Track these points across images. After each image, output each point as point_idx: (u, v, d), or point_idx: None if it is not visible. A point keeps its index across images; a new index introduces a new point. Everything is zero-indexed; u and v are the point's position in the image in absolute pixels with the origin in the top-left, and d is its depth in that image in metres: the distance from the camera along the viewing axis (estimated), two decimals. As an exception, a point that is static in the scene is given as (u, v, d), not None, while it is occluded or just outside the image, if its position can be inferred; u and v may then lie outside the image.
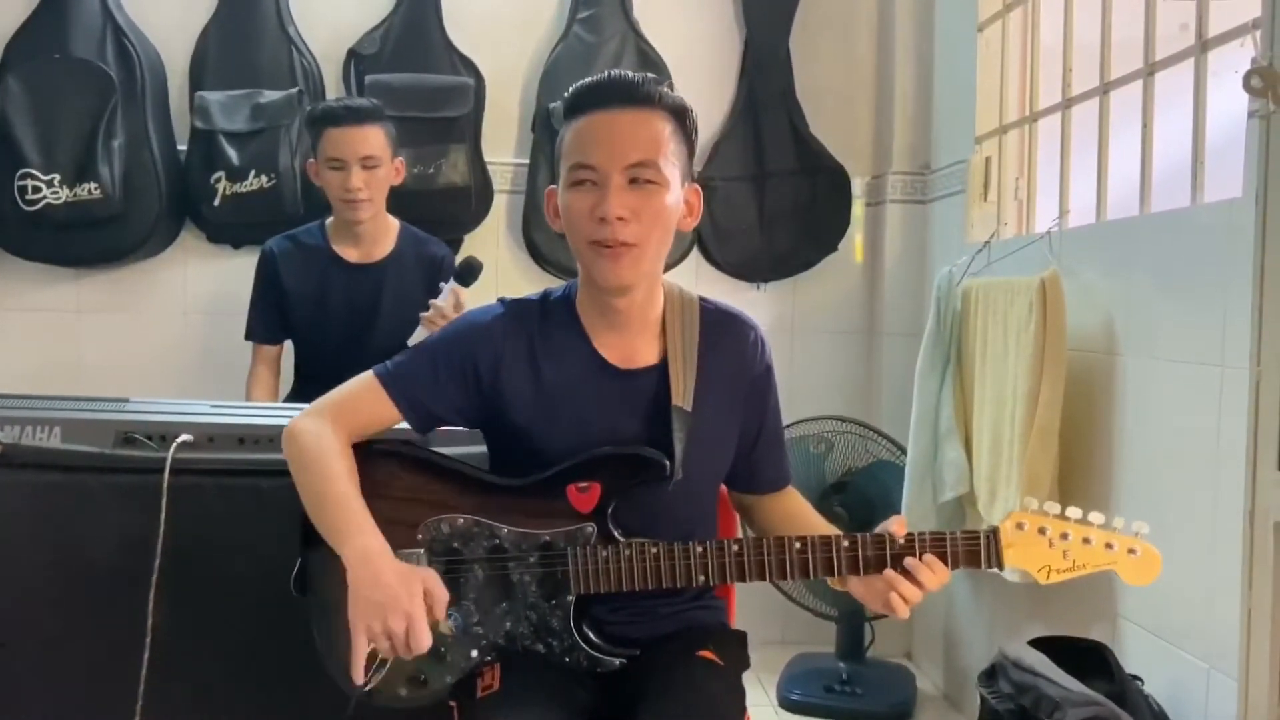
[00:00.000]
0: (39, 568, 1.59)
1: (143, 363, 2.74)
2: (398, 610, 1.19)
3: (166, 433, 1.62)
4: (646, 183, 1.27)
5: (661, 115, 1.30)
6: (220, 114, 2.60)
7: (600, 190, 1.27)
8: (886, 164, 2.87)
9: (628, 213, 1.26)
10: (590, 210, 1.27)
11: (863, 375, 2.95)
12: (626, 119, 1.28)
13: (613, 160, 1.27)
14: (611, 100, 1.29)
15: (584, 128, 1.30)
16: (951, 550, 1.25)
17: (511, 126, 2.81)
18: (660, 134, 1.29)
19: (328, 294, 2.27)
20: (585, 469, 1.32)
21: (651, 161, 1.27)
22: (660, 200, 1.28)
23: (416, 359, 1.38)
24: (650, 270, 1.33)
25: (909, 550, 1.25)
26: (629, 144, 1.27)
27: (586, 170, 1.28)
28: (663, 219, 1.29)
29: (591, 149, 1.28)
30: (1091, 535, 1.22)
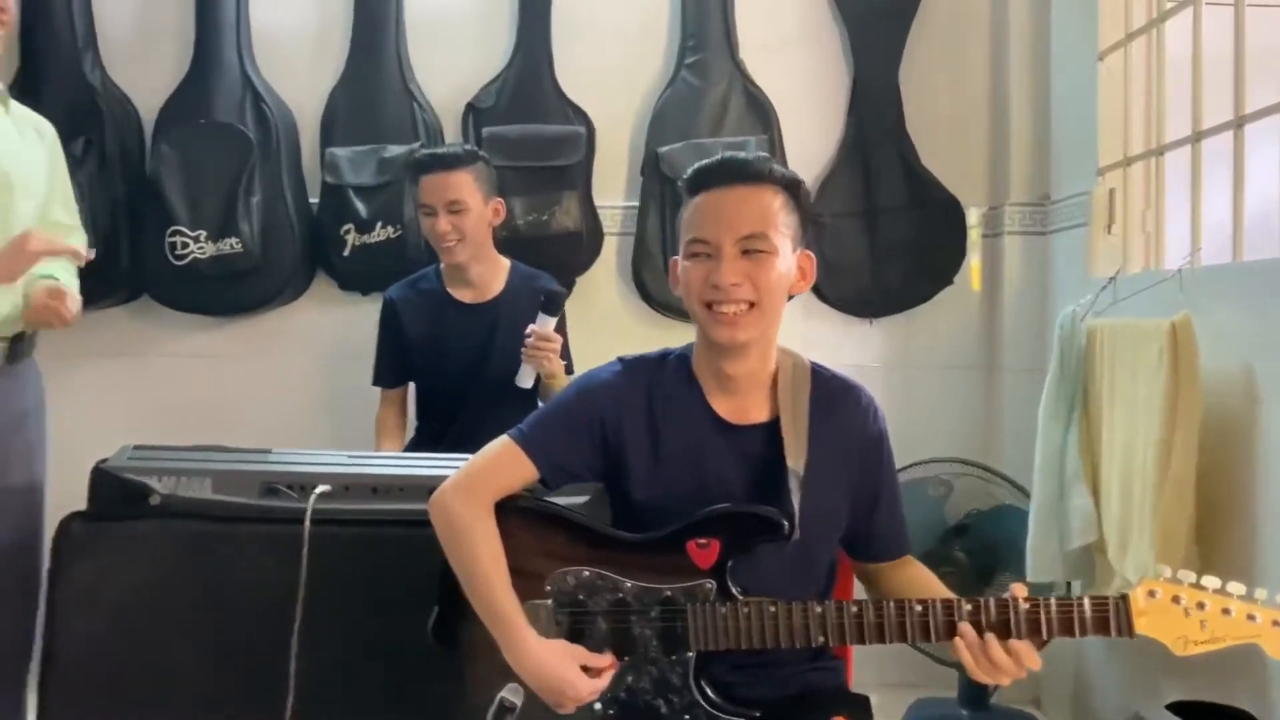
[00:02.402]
0: (192, 612, 1.68)
1: (280, 402, 2.88)
2: (572, 697, 1.33)
3: (306, 483, 1.69)
4: (758, 252, 1.36)
5: (772, 189, 1.39)
6: (349, 169, 2.73)
7: (715, 261, 1.36)
8: (1004, 195, 2.82)
9: (740, 278, 1.34)
10: (705, 278, 1.36)
11: (982, 413, 2.88)
12: (738, 195, 1.38)
13: (725, 233, 1.36)
14: (724, 179, 1.38)
15: (700, 205, 1.39)
16: (1079, 617, 1.23)
17: (621, 170, 2.86)
18: (770, 207, 1.37)
19: (445, 335, 2.36)
20: (705, 526, 1.35)
21: (761, 233, 1.36)
22: (771, 266, 1.36)
23: (547, 420, 1.45)
24: (763, 333, 1.39)
25: (1034, 616, 1.23)
26: (740, 218, 1.36)
27: (702, 244, 1.37)
28: (774, 283, 1.37)
29: (706, 224, 1.38)
30: (1231, 606, 1.18)
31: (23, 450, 1.99)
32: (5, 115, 2.00)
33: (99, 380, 2.88)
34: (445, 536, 1.41)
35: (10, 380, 1.96)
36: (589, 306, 2.78)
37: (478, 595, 1.37)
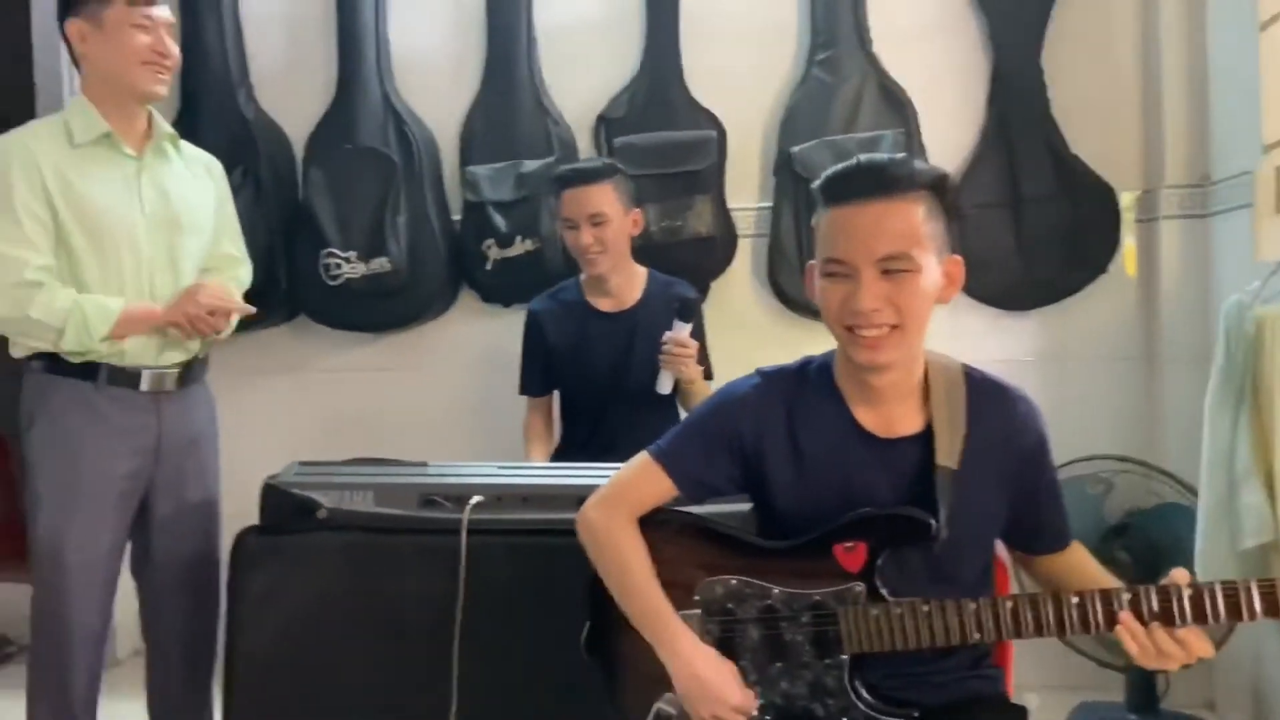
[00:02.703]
0: (359, 621, 1.76)
1: (431, 412, 2.98)
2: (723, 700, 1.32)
3: (461, 494, 1.76)
4: (899, 272, 1.29)
5: (913, 199, 1.30)
6: (488, 186, 2.80)
7: (853, 282, 1.30)
8: (1159, 178, 2.67)
9: (881, 303, 1.28)
10: (843, 301, 1.30)
11: (1142, 406, 2.74)
12: (876, 211, 1.29)
13: (863, 255, 1.29)
14: (860, 192, 1.30)
15: (835, 220, 1.32)
16: (1246, 600, 1.17)
17: (753, 172, 2.85)
18: (912, 221, 1.29)
19: (587, 343, 2.40)
20: (851, 529, 1.34)
21: (903, 253, 1.28)
22: (914, 285, 1.29)
23: (686, 436, 1.45)
24: (908, 350, 1.33)
25: (1198, 603, 1.19)
26: (879, 238, 1.28)
27: (838, 264, 1.31)
28: (917, 302, 1.30)
29: (842, 244, 1.31)
30: None
31: (195, 470, 2.12)
32: (176, 156, 2.14)
33: (264, 397, 3.05)
34: (593, 551, 1.44)
35: (182, 404, 2.09)
36: (725, 310, 2.77)
37: (631, 602, 1.39)
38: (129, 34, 1.97)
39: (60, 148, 1.97)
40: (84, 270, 1.96)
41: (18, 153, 1.93)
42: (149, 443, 2.04)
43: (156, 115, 2.11)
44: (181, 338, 2.03)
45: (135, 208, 2.01)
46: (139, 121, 2.06)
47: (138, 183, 2.03)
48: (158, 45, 1.99)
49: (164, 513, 2.09)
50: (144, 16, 1.98)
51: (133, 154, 2.04)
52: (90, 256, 1.95)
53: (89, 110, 2.00)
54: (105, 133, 2.00)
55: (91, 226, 1.95)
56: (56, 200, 1.93)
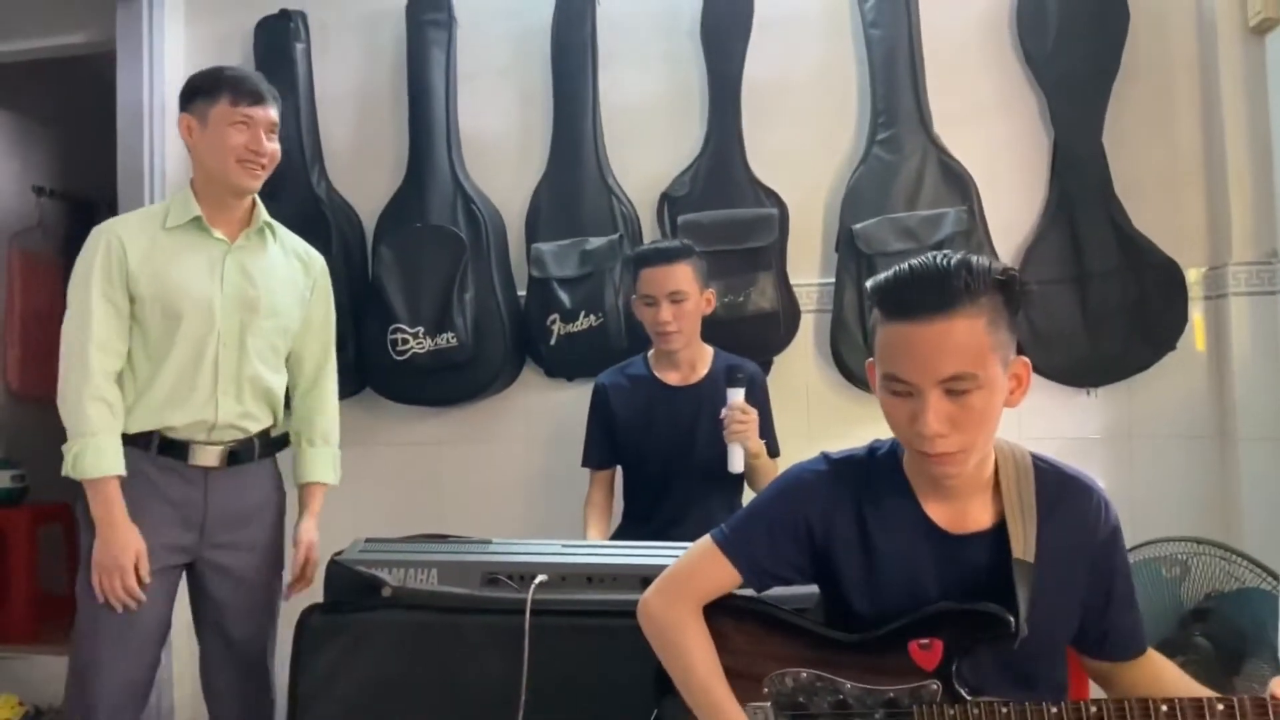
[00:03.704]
0: (423, 701, 1.75)
1: (495, 486, 2.99)
2: None
3: (525, 573, 1.76)
4: (965, 391, 1.23)
5: (975, 310, 1.22)
6: (553, 262, 2.85)
7: (916, 400, 1.25)
8: (1225, 254, 2.64)
9: (946, 427, 1.24)
10: (908, 421, 1.27)
11: (1217, 486, 2.66)
12: (937, 330, 1.21)
13: (925, 376, 1.23)
14: (918, 310, 1.22)
15: (893, 338, 1.26)
16: None
17: (815, 247, 2.86)
18: (975, 337, 1.22)
19: (653, 416, 2.42)
20: (927, 625, 1.32)
21: (968, 373, 1.22)
22: (981, 402, 1.24)
23: (751, 521, 1.43)
24: (978, 456, 1.31)
25: None
26: (942, 359, 1.22)
27: (899, 383, 1.26)
28: (985, 418, 1.26)
29: (902, 363, 1.25)
30: None
31: (247, 549, 2.14)
32: (274, 243, 2.22)
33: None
34: (656, 642, 1.42)
35: (234, 480, 2.13)
36: (789, 385, 2.77)
37: (695, 698, 1.37)
38: (227, 132, 2.08)
39: (152, 231, 2.09)
40: (153, 341, 2.05)
41: (105, 238, 2.06)
42: (196, 517, 2.09)
43: (260, 205, 2.21)
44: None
45: (214, 286, 2.10)
46: (236, 210, 2.16)
47: (222, 264, 2.12)
48: (253, 144, 2.09)
49: (216, 592, 2.12)
50: (244, 116, 2.09)
51: (223, 238, 2.13)
52: (160, 326, 2.04)
53: (188, 197, 2.13)
54: (195, 217, 2.11)
55: (167, 301, 2.04)
56: (139, 278, 2.03)
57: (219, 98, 2.08)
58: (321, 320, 2.33)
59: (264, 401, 2.17)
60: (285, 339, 2.23)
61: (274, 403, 2.21)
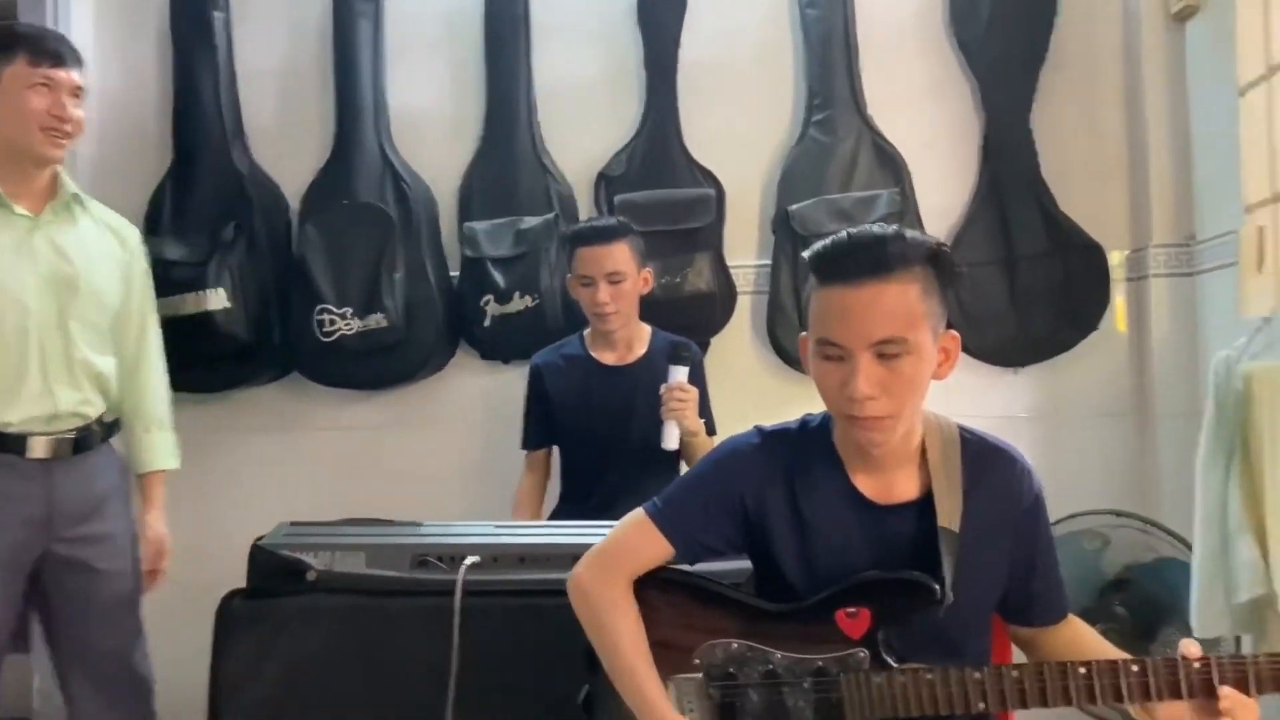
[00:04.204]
0: (350, 686, 1.71)
1: (429, 471, 2.94)
2: None
3: (456, 554, 1.73)
4: (895, 356, 1.25)
5: (908, 277, 1.25)
6: (487, 242, 2.81)
7: (847, 366, 1.26)
8: (1146, 237, 2.71)
9: (876, 390, 1.26)
10: (839, 386, 1.28)
11: (1136, 462, 2.75)
12: (870, 293, 1.24)
13: (858, 339, 1.25)
14: (853, 273, 1.25)
15: (828, 301, 1.28)
16: (1255, 674, 1.17)
17: (752, 229, 2.87)
18: (907, 302, 1.25)
19: (589, 397, 2.40)
20: (854, 594, 1.33)
21: (899, 337, 1.25)
22: (911, 368, 1.27)
23: (684, 494, 1.43)
24: (905, 427, 1.33)
25: (1204, 675, 1.18)
26: (874, 321, 1.24)
27: (832, 347, 1.28)
28: (914, 386, 1.28)
29: (836, 326, 1.27)
30: None
31: (98, 538, 2.03)
32: (84, 214, 2.06)
33: (255, 457, 3.00)
34: (585, 618, 1.41)
35: (79, 471, 2.00)
36: (725, 366, 2.77)
37: (620, 678, 1.37)
38: (26, 95, 1.90)
39: None
40: None
41: None
42: (39, 513, 1.95)
43: (63, 174, 2.04)
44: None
45: (27, 267, 1.94)
46: (36, 182, 1.98)
47: (30, 242, 1.96)
48: (55, 108, 1.92)
49: (72, 590, 2.00)
50: (45, 77, 1.91)
51: (26, 213, 1.96)
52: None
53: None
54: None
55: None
56: None
57: (15, 57, 1.89)
58: (140, 298, 2.19)
59: (97, 386, 2.05)
60: (108, 317, 2.09)
61: (105, 386, 2.08)
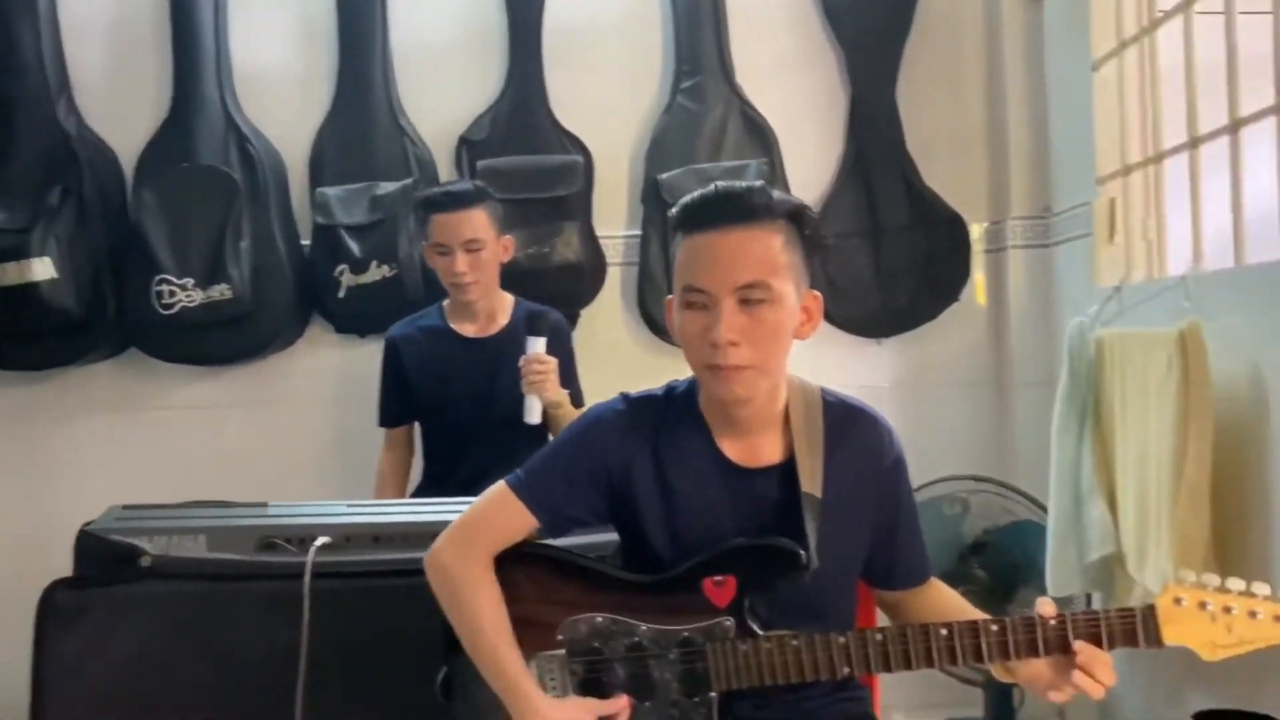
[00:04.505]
0: (190, 678, 1.62)
1: (282, 452, 2.83)
2: None
3: (305, 535, 1.65)
4: (758, 302, 1.26)
5: (772, 227, 1.28)
6: (340, 208, 2.69)
7: (711, 313, 1.27)
8: (1005, 209, 2.79)
9: (739, 336, 1.26)
10: (702, 334, 1.27)
11: (995, 429, 2.84)
12: (735, 238, 1.26)
13: (722, 283, 1.26)
14: (718, 219, 1.27)
15: (693, 248, 1.29)
16: (1106, 630, 1.20)
17: (621, 199, 2.83)
18: (771, 249, 1.27)
19: (449, 370, 2.32)
20: (720, 563, 1.31)
21: (762, 282, 1.26)
22: (774, 318, 1.27)
23: (548, 464, 1.39)
24: (768, 383, 1.32)
25: (1060, 632, 1.20)
26: (738, 265, 1.26)
27: (697, 293, 1.28)
28: (777, 337, 1.28)
29: (700, 271, 1.27)
30: (1258, 608, 1.16)
31: None
32: None
33: (88, 439, 2.82)
34: (443, 597, 1.36)
35: None
36: (595, 339, 2.73)
37: (482, 660, 1.32)
38: None
39: None
40: None
41: None
42: None
43: None
44: None
45: None
46: None
47: None
48: None
49: None
50: None
51: None
52: None
53: None
54: None
55: None
56: None
57: None
58: None
59: None
60: None
61: None
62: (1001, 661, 1.25)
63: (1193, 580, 1.18)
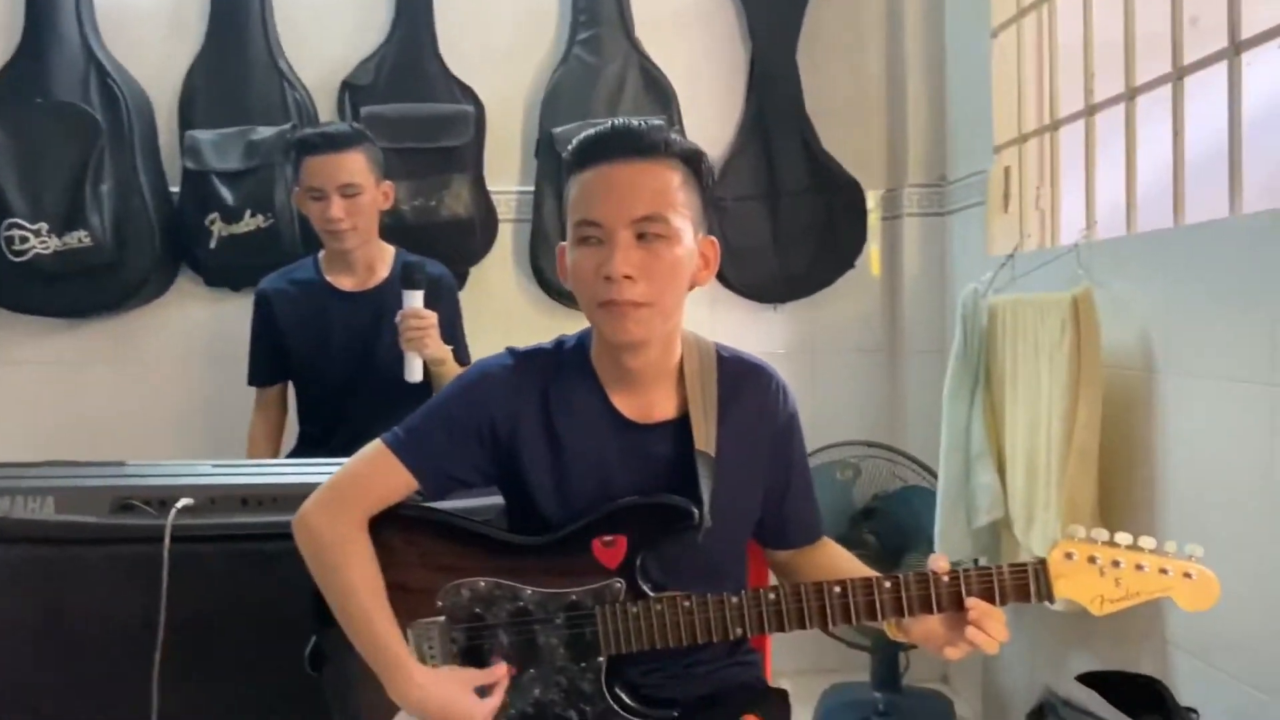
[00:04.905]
0: (32, 649, 1.51)
1: (146, 413, 2.69)
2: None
3: (166, 497, 1.54)
4: (655, 237, 1.23)
5: (669, 164, 1.25)
6: (212, 153, 2.54)
7: (606, 248, 1.23)
8: (902, 177, 2.80)
9: (635, 271, 1.22)
10: (596, 269, 1.23)
11: (887, 396, 2.87)
12: (631, 171, 1.24)
13: (617, 215, 1.22)
14: (615, 152, 1.24)
15: (588, 182, 1.26)
16: (999, 585, 1.19)
17: (514, 154, 2.75)
18: (668, 184, 1.24)
19: (326, 326, 2.22)
20: (610, 522, 1.26)
21: (659, 215, 1.23)
22: (670, 254, 1.24)
23: (428, 421, 1.32)
24: (663, 327, 1.28)
25: (954, 588, 1.19)
26: (634, 197, 1.23)
27: (591, 227, 1.24)
28: (673, 275, 1.24)
29: (595, 204, 1.24)
30: (1144, 561, 1.17)
31: None
32: None
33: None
34: (312, 561, 1.28)
35: None
36: (485, 298, 2.66)
37: (353, 628, 1.24)
38: None
39: None
40: None
41: None
42: None
43: None
44: None
45: None
46: None
47: None
48: None
49: None
50: None
51: None
52: None
53: None
54: None
55: None
56: None
57: None
58: None
59: None
60: None
61: None
62: (895, 619, 1.23)
63: (1082, 535, 1.18)
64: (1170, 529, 1.75)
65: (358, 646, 1.24)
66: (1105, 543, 1.17)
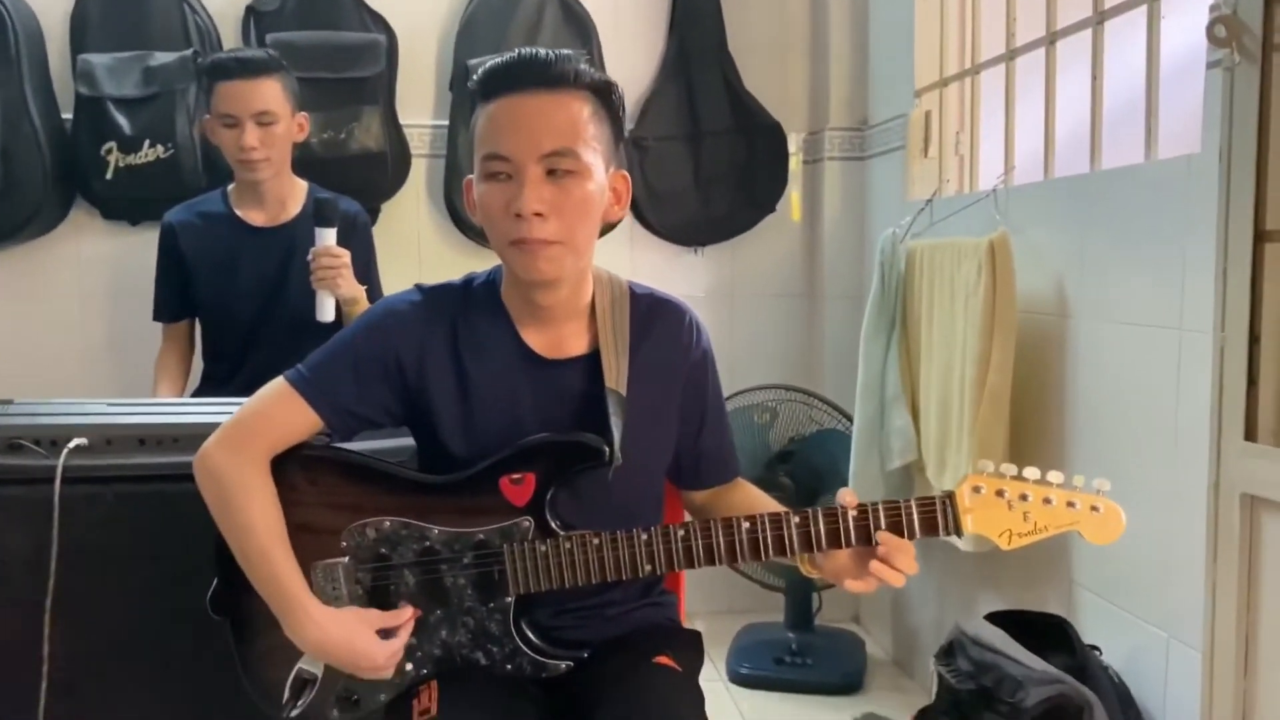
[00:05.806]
0: None
1: (41, 351, 2.57)
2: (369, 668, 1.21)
3: (58, 436, 1.47)
4: (565, 173, 1.20)
5: (580, 96, 1.21)
6: (107, 79, 2.41)
7: (515, 183, 1.20)
8: (823, 120, 2.78)
9: (545, 207, 1.19)
10: (505, 206, 1.19)
11: (805, 340, 2.88)
12: (540, 102, 1.20)
13: (526, 149, 1.19)
14: (523, 82, 1.20)
15: (495, 113, 1.21)
16: (907, 519, 1.19)
17: (428, 86, 2.66)
18: (578, 117, 1.20)
19: (234, 262, 2.14)
20: (519, 460, 1.24)
21: (569, 149, 1.19)
22: (581, 190, 1.21)
23: (333, 358, 1.27)
24: (575, 265, 1.25)
25: (862, 522, 1.19)
26: (543, 130, 1.19)
27: (499, 161, 1.20)
28: (585, 211, 1.21)
29: (503, 137, 1.20)
30: (1052, 495, 1.17)
31: None
32: None
33: None
34: (212, 501, 1.24)
35: None
36: (398, 234, 2.59)
37: (252, 568, 1.21)
38: None
39: None
40: None
41: None
42: None
43: None
44: None
45: None
46: None
47: None
48: None
49: None
50: None
51: None
52: None
53: None
54: None
55: None
56: None
57: None
58: None
59: None
60: None
61: None
62: (805, 554, 1.22)
63: (991, 470, 1.18)
64: (1079, 470, 1.78)
65: (256, 586, 1.21)
66: (1014, 477, 1.17)
